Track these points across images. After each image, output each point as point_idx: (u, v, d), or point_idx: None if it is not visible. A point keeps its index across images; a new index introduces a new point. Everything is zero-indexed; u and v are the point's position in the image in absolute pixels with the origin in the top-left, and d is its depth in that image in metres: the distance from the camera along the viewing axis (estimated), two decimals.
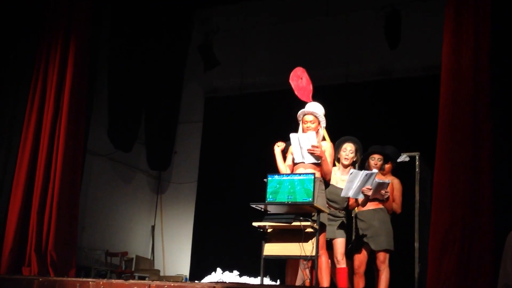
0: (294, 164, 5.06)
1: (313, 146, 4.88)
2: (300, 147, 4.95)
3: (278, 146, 5.19)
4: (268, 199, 4.72)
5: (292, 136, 4.99)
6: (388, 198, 5.39)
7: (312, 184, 4.61)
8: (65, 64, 6.89)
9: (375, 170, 5.30)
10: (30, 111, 6.89)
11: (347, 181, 5.18)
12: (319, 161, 4.92)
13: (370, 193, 5.21)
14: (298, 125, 5.17)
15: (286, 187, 4.69)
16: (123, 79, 8.90)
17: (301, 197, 4.62)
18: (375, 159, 5.53)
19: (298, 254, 4.63)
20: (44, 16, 7.18)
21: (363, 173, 5.14)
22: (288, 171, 5.05)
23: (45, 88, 6.92)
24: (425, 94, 7.89)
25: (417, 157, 6.36)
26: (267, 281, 6.69)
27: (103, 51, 8.46)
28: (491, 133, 4.93)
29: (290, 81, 5.67)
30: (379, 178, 5.30)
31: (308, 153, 4.92)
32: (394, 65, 8.83)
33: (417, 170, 6.33)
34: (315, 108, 5.14)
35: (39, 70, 7.00)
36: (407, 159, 6.02)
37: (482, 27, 5.10)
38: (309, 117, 5.07)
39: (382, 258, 5.31)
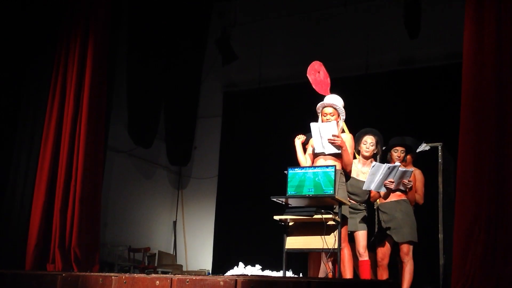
0: (314, 155, 5.01)
1: (333, 136, 4.83)
2: (321, 136, 4.89)
3: (299, 139, 5.17)
4: (289, 193, 4.68)
5: (313, 125, 4.92)
6: (411, 187, 5.32)
7: (333, 176, 4.57)
8: (84, 61, 6.91)
9: (397, 163, 5.22)
10: (51, 108, 6.94)
11: (369, 174, 5.11)
12: (340, 151, 4.86)
13: (392, 186, 5.15)
14: (317, 117, 5.11)
15: (307, 180, 4.64)
16: (142, 75, 8.95)
17: (322, 190, 4.58)
18: (398, 151, 5.47)
19: (320, 247, 4.60)
20: (63, 13, 7.21)
21: (385, 166, 5.07)
22: (309, 162, 5.01)
23: (65, 85, 6.97)
24: (447, 83, 7.78)
25: (439, 148, 6.27)
26: (289, 274, 6.66)
27: (121, 47, 8.48)
28: None
29: (308, 75, 5.63)
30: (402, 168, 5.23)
31: (328, 142, 4.86)
32: (415, 54, 8.71)
33: (440, 160, 6.25)
34: (334, 100, 5.07)
35: (58, 68, 7.04)
36: (427, 148, 5.93)
37: (504, 11, 4.97)
38: (328, 110, 5.02)
39: (406, 250, 5.25)
